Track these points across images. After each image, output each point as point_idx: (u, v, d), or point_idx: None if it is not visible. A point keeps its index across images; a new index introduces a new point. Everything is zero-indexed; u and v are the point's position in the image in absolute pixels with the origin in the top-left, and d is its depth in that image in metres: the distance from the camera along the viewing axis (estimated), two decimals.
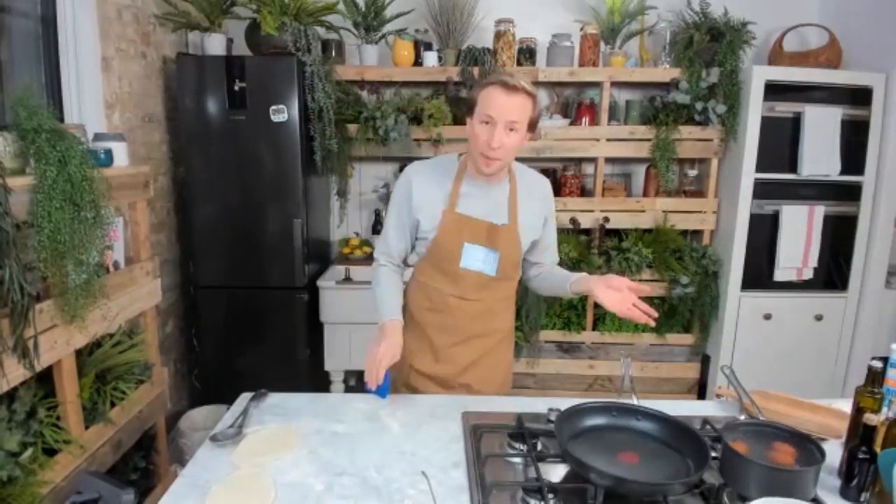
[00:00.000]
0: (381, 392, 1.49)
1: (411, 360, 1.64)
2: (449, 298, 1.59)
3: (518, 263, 1.62)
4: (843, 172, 2.88)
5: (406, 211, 1.59)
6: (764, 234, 2.96)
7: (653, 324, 1.43)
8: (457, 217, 1.54)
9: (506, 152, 1.45)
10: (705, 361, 3.19)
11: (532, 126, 1.48)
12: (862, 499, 1.15)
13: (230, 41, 2.90)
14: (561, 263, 3.16)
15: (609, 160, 3.23)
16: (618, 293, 1.43)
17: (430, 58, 3.06)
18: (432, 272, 1.61)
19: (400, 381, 1.69)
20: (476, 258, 1.55)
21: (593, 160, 3.13)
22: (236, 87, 2.69)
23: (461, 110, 3.05)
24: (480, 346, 1.64)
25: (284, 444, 1.33)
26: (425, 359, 1.64)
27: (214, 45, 2.81)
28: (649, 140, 3.03)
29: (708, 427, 1.39)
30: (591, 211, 3.11)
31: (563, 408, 1.33)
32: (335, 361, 3.04)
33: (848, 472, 1.17)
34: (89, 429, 1.67)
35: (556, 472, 1.24)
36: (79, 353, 1.66)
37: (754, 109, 2.85)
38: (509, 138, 1.43)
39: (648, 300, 3.14)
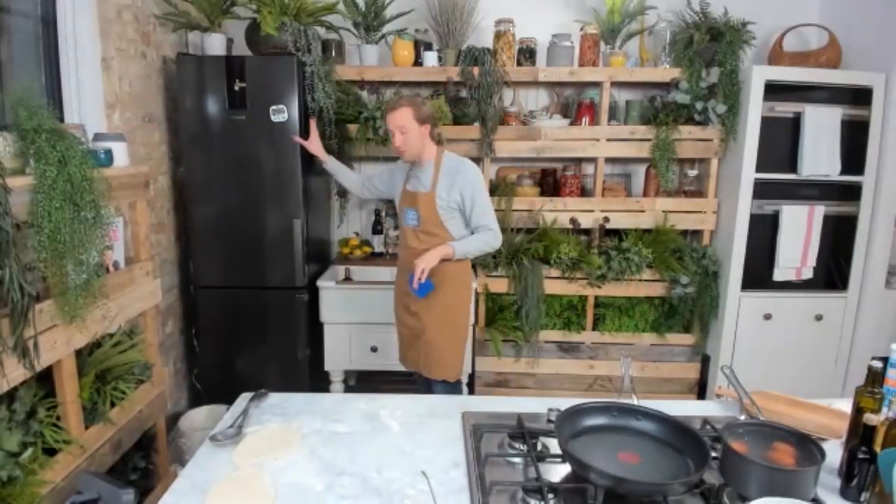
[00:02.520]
0: (422, 292, 2.18)
1: (399, 296, 2.44)
2: (403, 249, 2.39)
3: (439, 221, 2.24)
4: (843, 172, 2.88)
5: (391, 179, 2.48)
6: (764, 234, 2.96)
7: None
8: (403, 190, 2.35)
9: (406, 145, 2.20)
10: (705, 361, 3.19)
11: (424, 120, 2.20)
12: (862, 499, 1.15)
13: (230, 41, 2.90)
14: (560, 264, 3.20)
15: (609, 160, 3.23)
16: None
17: (430, 58, 3.06)
18: (400, 233, 2.45)
19: (396, 312, 2.48)
20: (410, 217, 2.30)
21: (593, 160, 3.13)
22: (236, 87, 2.69)
23: (461, 110, 3.06)
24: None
25: (284, 444, 1.33)
26: (401, 294, 2.41)
27: (214, 45, 2.81)
28: (649, 140, 3.03)
29: (708, 427, 1.40)
30: (591, 211, 3.11)
31: (563, 408, 1.33)
32: (335, 361, 3.04)
33: (848, 472, 1.17)
34: (89, 429, 1.67)
35: (556, 472, 1.24)
36: (79, 353, 1.66)
37: (754, 109, 2.85)
38: (404, 137, 2.18)
39: (648, 299, 3.17)
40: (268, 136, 2.74)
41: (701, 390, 3.21)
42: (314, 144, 2.63)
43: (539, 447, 1.31)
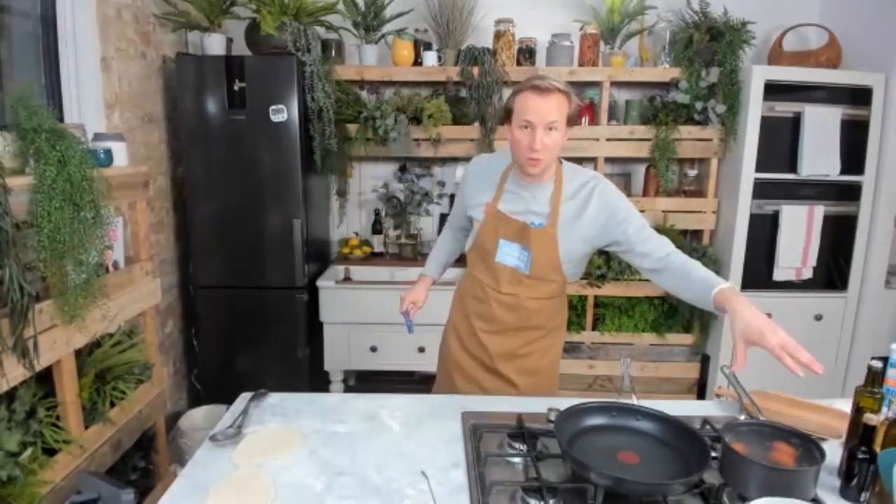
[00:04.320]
0: (408, 327, 1.85)
1: (462, 342, 1.76)
2: (487, 289, 1.67)
3: (557, 266, 1.59)
4: (842, 172, 2.88)
5: (461, 202, 1.79)
6: (764, 233, 2.96)
7: (801, 375, 1.19)
8: (496, 213, 1.62)
9: (548, 152, 1.48)
10: (705, 361, 3.19)
11: (571, 121, 1.52)
12: (862, 499, 1.15)
13: (230, 41, 2.90)
14: None
15: (609, 160, 3.23)
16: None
17: (430, 57, 3.06)
18: (477, 262, 1.71)
19: (452, 361, 1.78)
20: (510, 254, 1.61)
21: (593, 160, 3.13)
22: (236, 87, 2.69)
23: (461, 110, 3.06)
24: (516, 340, 1.69)
25: (284, 444, 1.33)
26: (470, 340, 1.74)
27: (214, 44, 2.81)
28: (649, 140, 3.03)
29: (708, 427, 1.39)
30: None
31: (563, 408, 1.33)
32: (335, 361, 3.04)
33: (848, 472, 1.17)
34: (89, 429, 1.67)
35: (556, 472, 1.24)
36: (78, 353, 1.66)
37: (754, 109, 2.85)
38: (550, 138, 1.47)
39: (648, 299, 3.17)
40: (268, 136, 2.74)
41: (701, 390, 3.21)
42: (422, 297, 1.88)
43: (539, 447, 1.31)
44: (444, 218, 3.38)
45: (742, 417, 1.42)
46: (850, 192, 2.93)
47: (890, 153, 2.87)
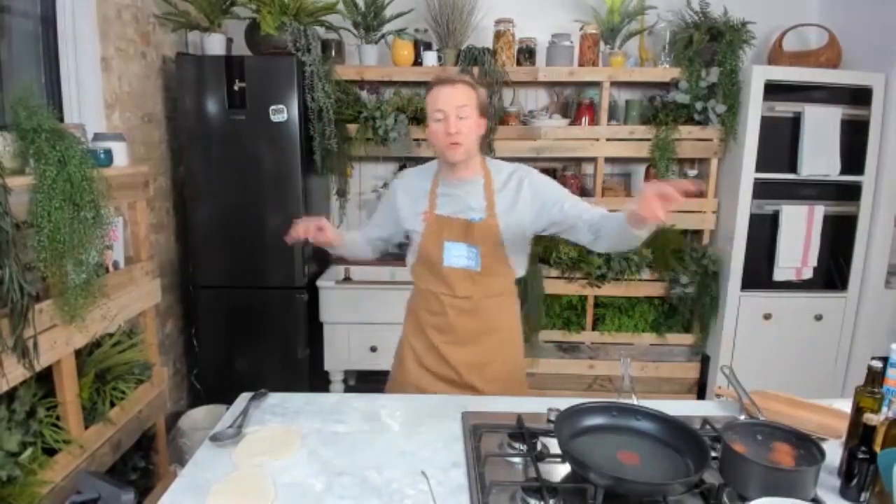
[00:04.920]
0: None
1: (419, 359, 1.73)
2: (442, 297, 1.67)
3: (504, 258, 1.64)
4: (842, 172, 2.88)
5: (389, 214, 1.77)
6: (764, 233, 2.96)
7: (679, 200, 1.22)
8: (435, 218, 1.65)
9: (464, 136, 1.56)
10: (705, 361, 3.19)
11: (483, 112, 1.61)
12: (862, 499, 1.15)
13: (230, 41, 2.90)
14: (560, 264, 3.05)
15: (609, 160, 3.23)
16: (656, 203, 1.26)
17: (430, 57, 3.06)
18: (424, 274, 1.71)
19: (409, 383, 1.74)
20: (458, 255, 1.63)
21: (593, 160, 3.13)
22: (236, 87, 2.69)
23: None
24: (478, 349, 1.68)
25: (284, 444, 1.33)
26: (429, 358, 1.72)
27: (214, 44, 2.81)
28: (649, 140, 3.03)
29: (708, 427, 1.39)
30: None
31: (563, 408, 1.33)
32: (335, 361, 3.04)
33: (848, 472, 1.17)
34: (89, 429, 1.67)
35: (556, 472, 1.24)
36: (78, 353, 1.66)
37: (754, 109, 2.85)
38: (464, 124, 1.55)
39: (648, 299, 3.17)
40: (268, 136, 2.74)
41: (700, 390, 3.21)
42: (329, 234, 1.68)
43: (539, 447, 1.31)
44: None
45: (742, 417, 1.42)
46: (850, 192, 2.93)
47: (890, 153, 2.87)
